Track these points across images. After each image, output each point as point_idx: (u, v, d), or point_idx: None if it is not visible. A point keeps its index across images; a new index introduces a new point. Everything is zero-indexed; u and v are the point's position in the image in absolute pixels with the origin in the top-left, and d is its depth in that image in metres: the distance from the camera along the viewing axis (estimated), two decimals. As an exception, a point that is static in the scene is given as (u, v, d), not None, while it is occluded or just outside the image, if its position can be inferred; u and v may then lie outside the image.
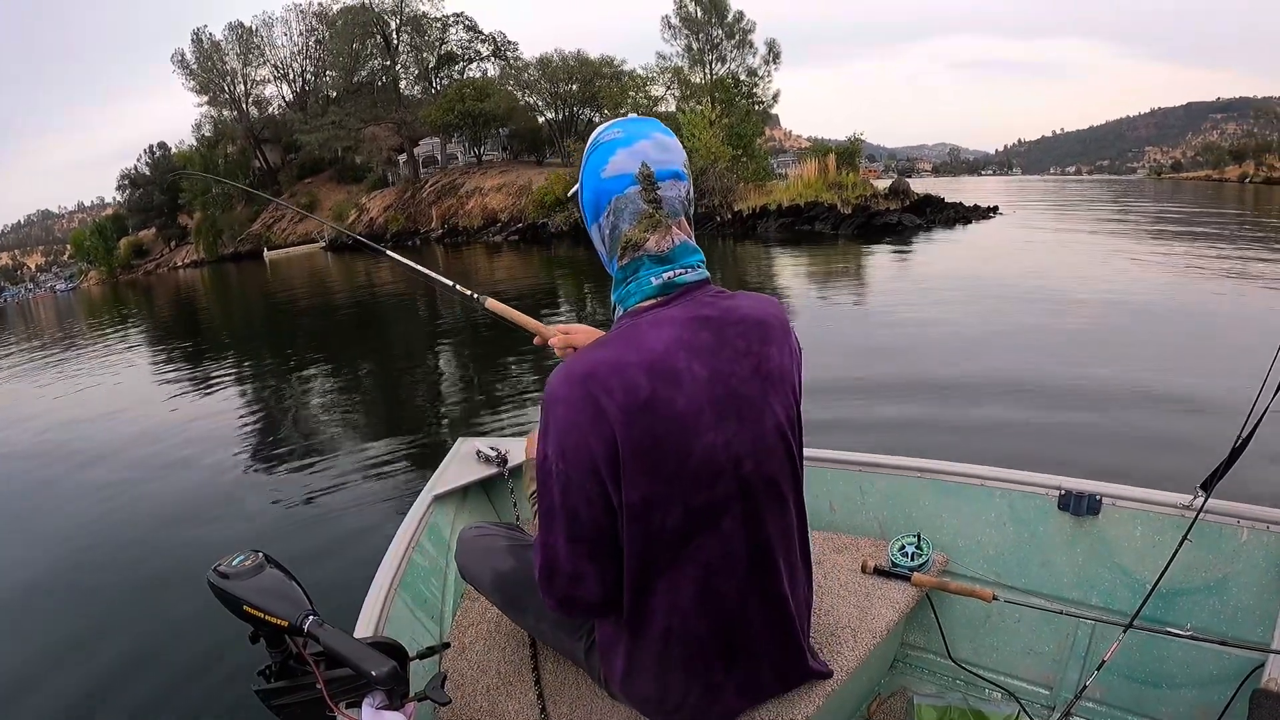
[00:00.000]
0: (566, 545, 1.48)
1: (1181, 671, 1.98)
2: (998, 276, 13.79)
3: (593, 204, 1.49)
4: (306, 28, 62.23)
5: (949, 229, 25.85)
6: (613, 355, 1.41)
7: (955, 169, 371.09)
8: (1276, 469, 3.93)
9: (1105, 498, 2.13)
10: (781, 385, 1.51)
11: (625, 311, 1.51)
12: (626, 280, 1.51)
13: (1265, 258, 14.59)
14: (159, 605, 4.31)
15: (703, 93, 44.81)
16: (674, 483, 1.42)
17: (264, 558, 1.40)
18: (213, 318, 23.04)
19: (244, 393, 10.42)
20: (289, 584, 1.39)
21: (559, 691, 1.93)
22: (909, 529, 2.36)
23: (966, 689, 2.27)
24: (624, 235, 1.47)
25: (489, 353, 11.11)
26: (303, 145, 59.34)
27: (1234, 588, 1.94)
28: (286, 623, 1.32)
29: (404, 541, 2.47)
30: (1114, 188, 65.26)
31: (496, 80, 53.87)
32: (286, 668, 1.39)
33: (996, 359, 7.69)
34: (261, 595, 1.34)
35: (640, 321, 1.45)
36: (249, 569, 1.37)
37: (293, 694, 1.39)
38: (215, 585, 1.36)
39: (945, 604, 2.32)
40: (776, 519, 1.55)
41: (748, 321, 1.48)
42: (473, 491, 2.98)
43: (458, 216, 46.72)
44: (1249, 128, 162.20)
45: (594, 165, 1.48)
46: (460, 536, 2.13)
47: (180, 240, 66.87)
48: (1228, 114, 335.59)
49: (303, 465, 6.55)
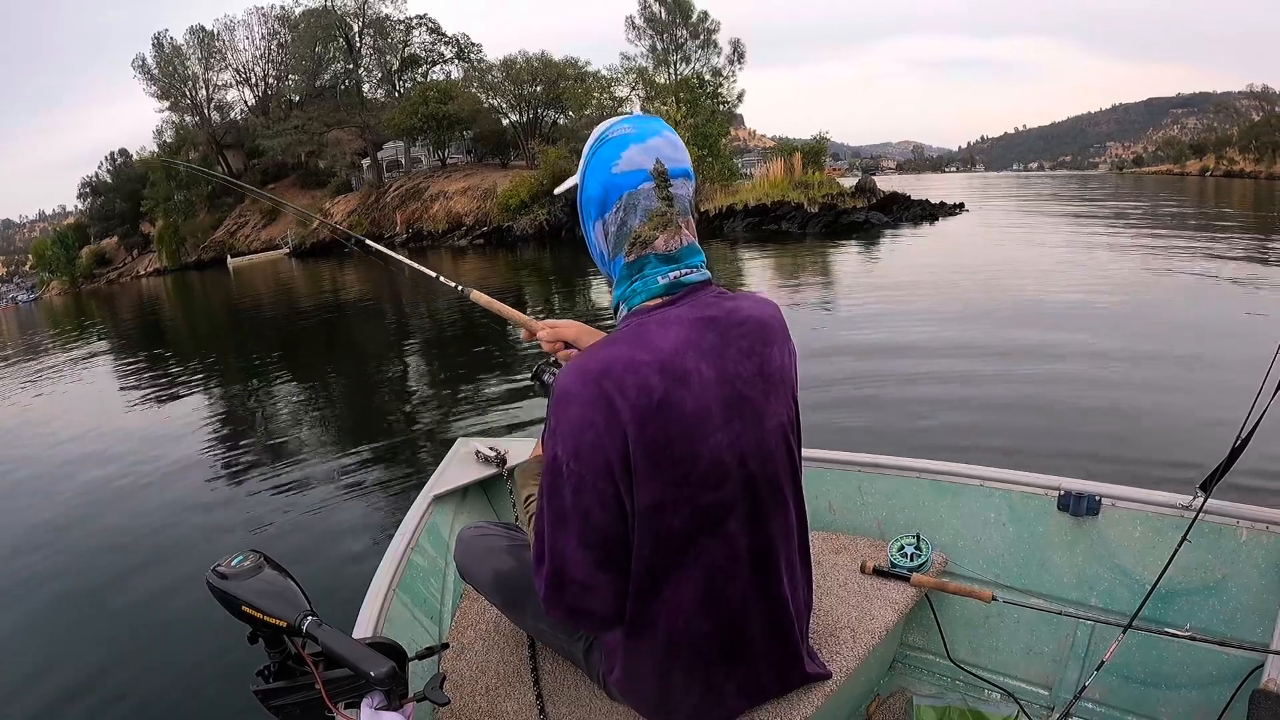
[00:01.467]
0: (579, 551, 1.43)
1: (1181, 672, 1.99)
2: (972, 271, 14.14)
3: (599, 199, 1.46)
4: (268, 31, 61.16)
5: (916, 226, 26.13)
6: (625, 354, 1.38)
7: (919, 166, 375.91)
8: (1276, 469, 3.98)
9: (1105, 498, 2.15)
10: (782, 386, 1.53)
11: (630, 310, 1.49)
12: (632, 279, 1.48)
13: (1227, 252, 15.04)
14: (158, 605, 4.34)
15: (667, 93, 44.85)
16: (682, 484, 1.41)
17: (263, 558, 1.41)
18: (183, 328, 22.31)
19: (233, 400, 10.30)
20: (287, 584, 1.39)
21: (558, 692, 1.93)
22: (908, 529, 2.36)
23: (966, 689, 2.28)
24: (634, 232, 1.45)
25: (471, 350, 11.17)
26: (266, 150, 58.36)
27: (1233, 588, 1.96)
28: (285, 623, 1.33)
29: (403, 542, 2.46)
30: (1077, 183, 66.25)
31: (460, 83, 53.27)
32: (285, 668, 1.40)
33: (984, 354, 7.82)
34: (260, 596, 1.35)
35: (648, 321, 1.43)
36: (247, 569, 1.38)
37: (291, 694, 1.39)
38: (214, 586, 1.36)
39: (944, 604, 2.33)
40: (778, 520, 1.55)
41: (750, 323, 1.49)
42: (472, 492, 2.98)
43: (422, 220, 46.12)
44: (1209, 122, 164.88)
45: (603, 160, 1.45)
46: (460, 536, 2.12)
47: (143, 249, 65.69)
48: (1188, 109, 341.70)
49: (301, 467, 6.57)
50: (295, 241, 50.05)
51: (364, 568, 2.20)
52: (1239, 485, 2.01)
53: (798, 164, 32.86)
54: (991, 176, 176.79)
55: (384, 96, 57.78)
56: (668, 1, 48.16)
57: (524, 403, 7.50)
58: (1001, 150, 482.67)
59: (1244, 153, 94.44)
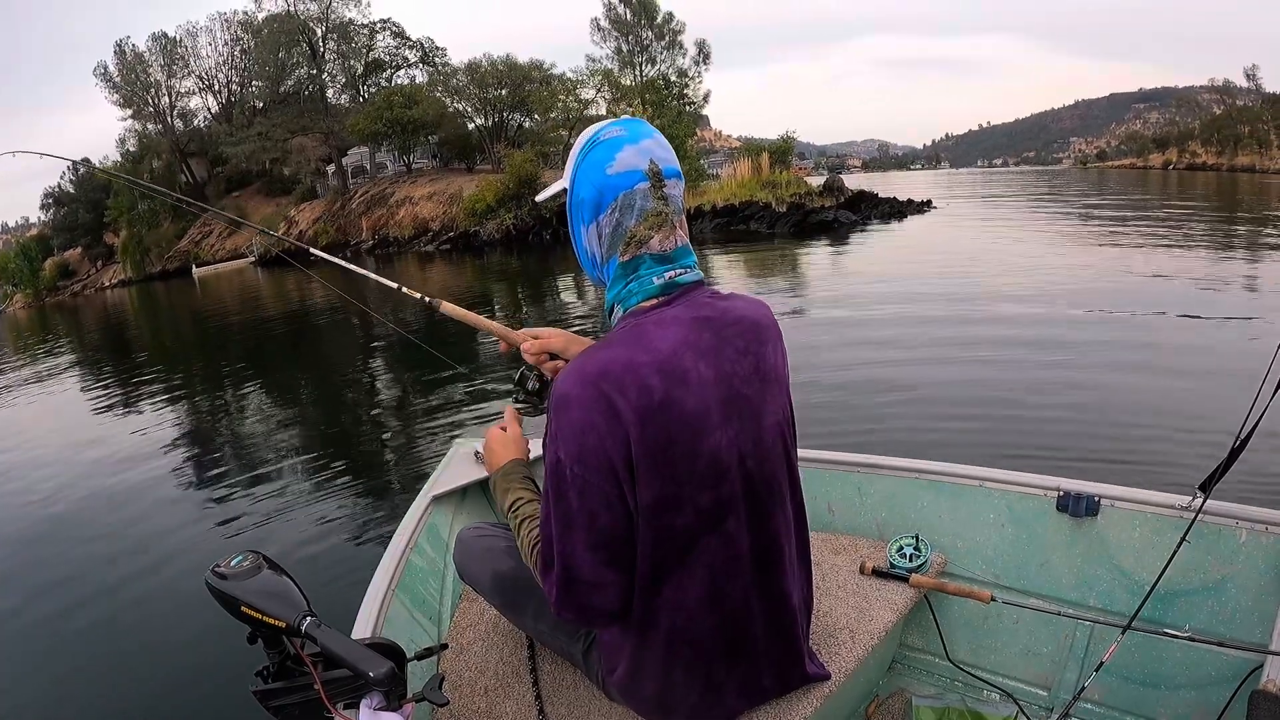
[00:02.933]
0: (587, 553, 1.44)
1: (1180, 673, 2.00)
2: (947, 267, 14.44)
3: (593, 201, 1.46)
4: (231, 37, 60.13)
5: (885, 224, 26.37)
6: (623, 355, 1.39)
7: (885, 164, 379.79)
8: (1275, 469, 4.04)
9: (1104, 499, 2.15)
10: (777, 385, 1.56)
11: (626, 311, 1.50)
12: (627, 279, 1.49)
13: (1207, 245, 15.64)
14: (157, 606, 4.39)
15: (633, 95, 44.81)
16: (684, 484, 1.42)
17: (262, 559, 1.41)
18: (155, 339, 21.69)
19: (223, 409, 10.23)
20: (287, 585, 1.39)
21: (557, 692, 1.93)
22: (907, 530, 2.36)
23: (965, 690, 2.28)
24: (629, 232, 1.45)
25: (454, 352, 11.00)
26: (229, 158, 57.84)
27: (1232, 589, 1.97)
28: (284, 624, 1.33)
29: (402, 542, 2.44)
30: (1042, 178, 67.08)
31: (425, 87, 52.97)
32: (284, 668, 1.41)
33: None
34: (259, 596, 1.35)
35: (644, 321, 1.44)
36: (247, 570, 1.38)
37: (291, 695, 1.40)
38: (213, 586, 1.37)
39: (944, 605, 2.33)
40: (778, 518, 1.56)
41: (744, 323, 1.51)
42: (471, 492, 2.96)
43: (388, 227, 45.54)
44: (1171, 116, 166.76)
45: (596, 161, 1.45)
46: (459, 537, 2.11)
47: (107, 259, 64.69)
48: (1150, 103, 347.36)
49: (300, 469, 6.63)
50: (260, 250, 49.57)
51: (363, 568, 2.17)
52: (1238, 486, 2.04)
53: (765, 164, 32.99)
54: (957, 173, 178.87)
55: (348, 102, 57.31)
56: (633, 3, 48.15)
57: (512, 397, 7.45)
58: (966, 147, 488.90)
59: (1206, 146, 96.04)
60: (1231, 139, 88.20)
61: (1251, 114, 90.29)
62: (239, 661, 1.45)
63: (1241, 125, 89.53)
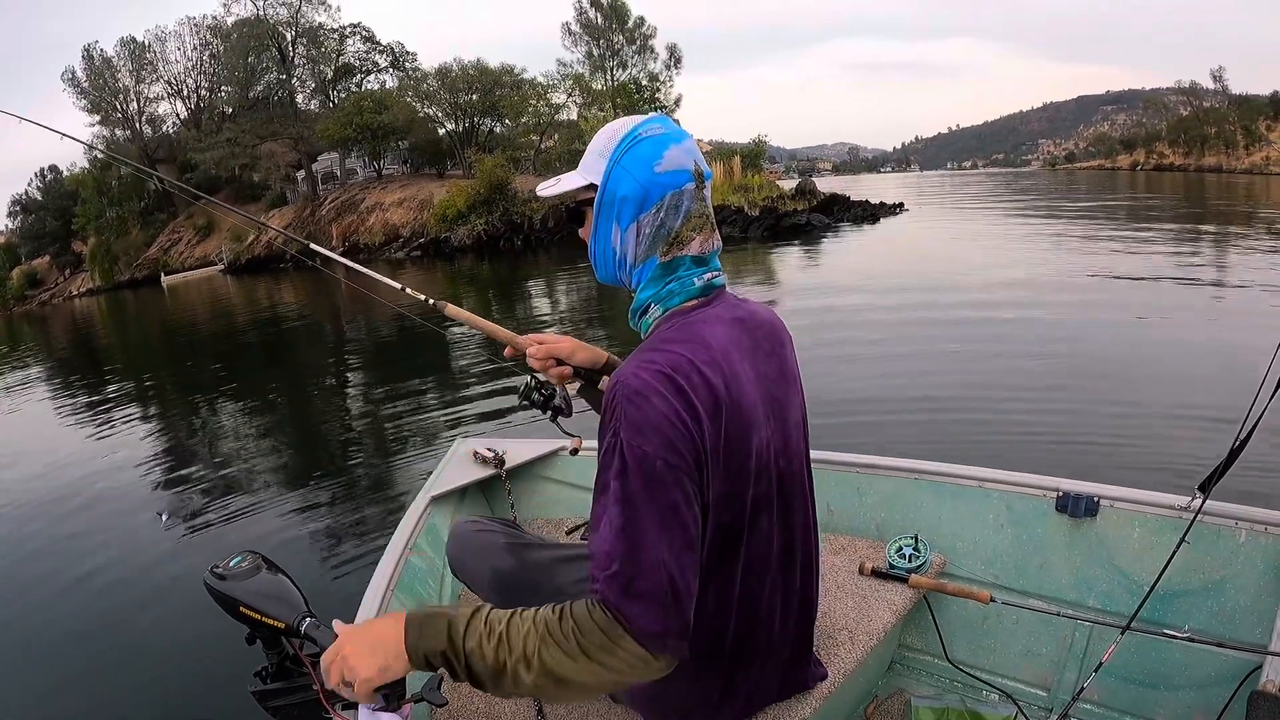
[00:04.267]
0: (683, 557, 1.29)
1: (1179, 673, 2.00)
2: (926, 270, 14.52)
3: (637, 199, 1.42)
4: (200, 42, 59.53)
5: (858, 227, 26.49)
6: (687, 351, 1.35)
7: (855, 167, 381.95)
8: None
9: (1103, 499, 2.15)
10: (797, 386, 1.58)
11: (667, 311, 1.48)
12: (666, 280, 1.47)
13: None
14: (156, 607, 4.37)
15: (604, 99, 44.78)
16: (736, 480, 1.39)
17: (261, 559, 1.41)
18: (153, 348, 21.17)
19: (211, 413, 10.21)
20: (286, 586, 1.39)
21: None
22: (907, 530, 2.36)
23: (964, 691, 2.27)
24: (673, 231, 1.44)
25: (438, 355, 11.33)
26: (198, 164, 57.38)
27: (1232, 589, 1.97)
28: (283, 624, 1.34)
29: (401, 542, 2.44)
30: (1012, 180, 67.29)
31: (395, 92, 52.71)
32: (283, 669, 1.41)
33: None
34: (258, 597, 1.35)
35: (692, 320, 1.43)
36: (245, 570, 1.37)
37: (289, 695, 1.40)
38: (212, 587, 1.36)
39: (943, 606, 2.32)
40: (800, 517, 1.57)
41: (767, 326, 1.54)
42: (470, 492, 2.98)
43: (359, 233, 45.20)
44: (1139, 118, 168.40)
45: (642, 158, 1.41)
46: (454, 530, 2.01)
47: (75, 268, 64.03)
48: (1117, 105, 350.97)
49: (299, 469, 6.66)
50: (230, 257, 49.16)
51: (362, 568, 2.13)
52: (1238, 486, 2.00)
53: (737, 167, 33.04)
54: (927, 176, 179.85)
55: (318, 107, 57.02)
56: (604, 7, 48.15)
57: (516, 402, 7.48)
58: (936, 150, 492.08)
59: (1173, 146, 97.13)
60: (1198, 140, 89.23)
61: (1218, 115, 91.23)
62: (238, 661, 1.45)
63: (1208, 126, 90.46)
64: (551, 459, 3.10)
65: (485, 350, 10.87)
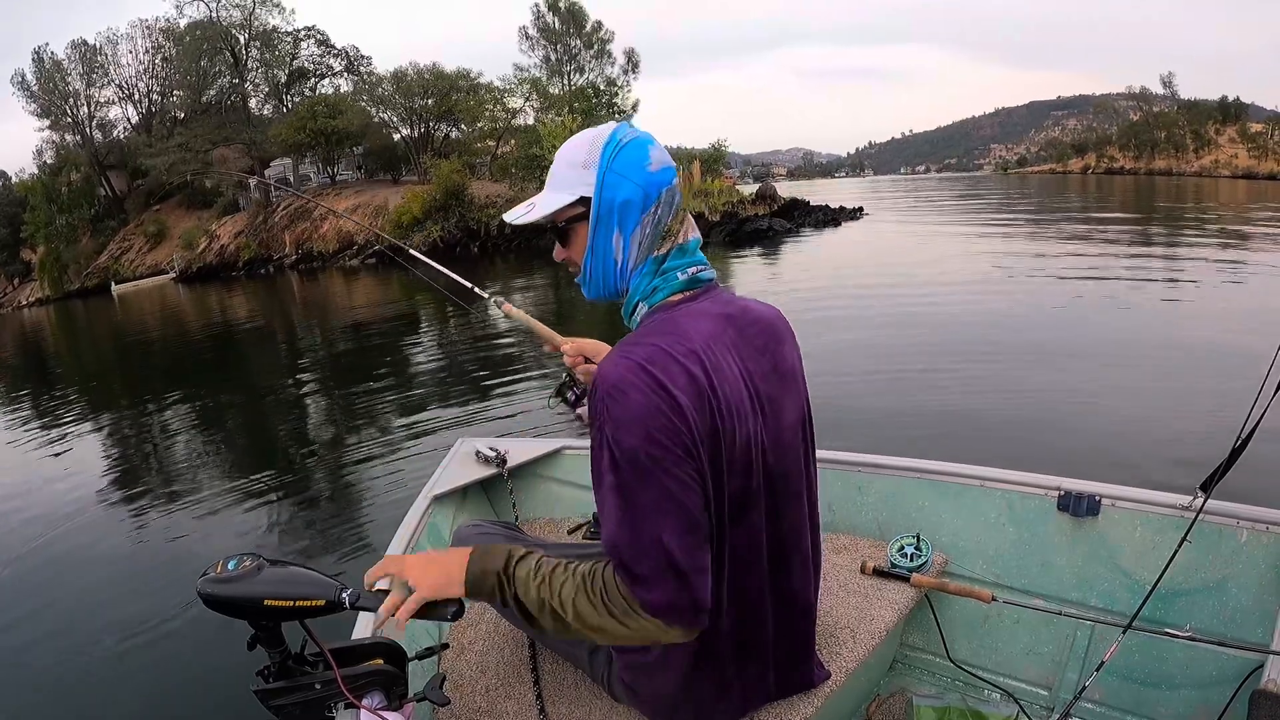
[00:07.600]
0: (685, 538, 1.33)
1: (1181, 672, 2.01)
2: (894, 273, 14.63)
3: (640, 201, 1.44)
4: (153, 45, 58.37)
5: (819, 231, 26.65)
6: (663, 344, 1.37)
7: (810, 172, 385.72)
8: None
9: (1105, 499, 2.16)
10: (795, 384, 1.57)
11: (652, 307, 1.49)
12: (654, 276, 1.48)
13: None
14: (154, 608, 4.33)
15: (562, 104, 44.42)
16: (723, 471, 1.39)
17: (260, 556, 1.39)
18: (134, 358, 21.04)
19: (195, 419, 9.96)
20: (301, 571, 1.39)
21: (558, 692, 1.93)
22: (908, 530, 2.37)
23: (966, 690, 2.28)
24: (666, 226, 1.46)
25: (447, 358, 11.28)
26: (149, 170, 56.47)
27: (1233, 589, 1.98)
28: (324, 601, 1.34)
29: (403, 541, 2.46)
30: (965, 184, 68.24)
31: (350, 96, 52.24)
32: (285, 668, 1.41)
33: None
34: (283, 584, 1.34)
35: (675, 314, 1.45)
36: (252, 568, 1.35)
37: (292, 694, 1.40)
38: (215, 593, 1.32)
39: (944, 605, 2.33)
40: (793, 516, 1.56)
41: (761, 323, 1.53)
42: (472, 492, 3.00)
43: (312, 240, 44.33)
44: (1089, 123, 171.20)
45: (634, 162, 1.43)
46: (457, 533, 2.10)
47: (24, 277, 63.09)
48: (1068, 111, 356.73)
49: (298, 470, 6.69)
50: (181, 266, 48.43)
51: (364, 568, 1.92)
52: (1238, 486, 2.00)
53: (696, 172, 32.98)
54: (880, 180, 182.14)
55: (271, 112, 56.45)
56: (561, 11, 48.04)
57: (518, 401, 7.68)
58: (889, 155, 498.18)
59: (1124, 150, 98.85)
60: (1149, 144, 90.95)
61: (1168, 119, 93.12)
62: (238, 660, 1.44)
63: (1158, 130, 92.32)
64: (553, 458, 3.13)
65: (485, 350, 11.08)
